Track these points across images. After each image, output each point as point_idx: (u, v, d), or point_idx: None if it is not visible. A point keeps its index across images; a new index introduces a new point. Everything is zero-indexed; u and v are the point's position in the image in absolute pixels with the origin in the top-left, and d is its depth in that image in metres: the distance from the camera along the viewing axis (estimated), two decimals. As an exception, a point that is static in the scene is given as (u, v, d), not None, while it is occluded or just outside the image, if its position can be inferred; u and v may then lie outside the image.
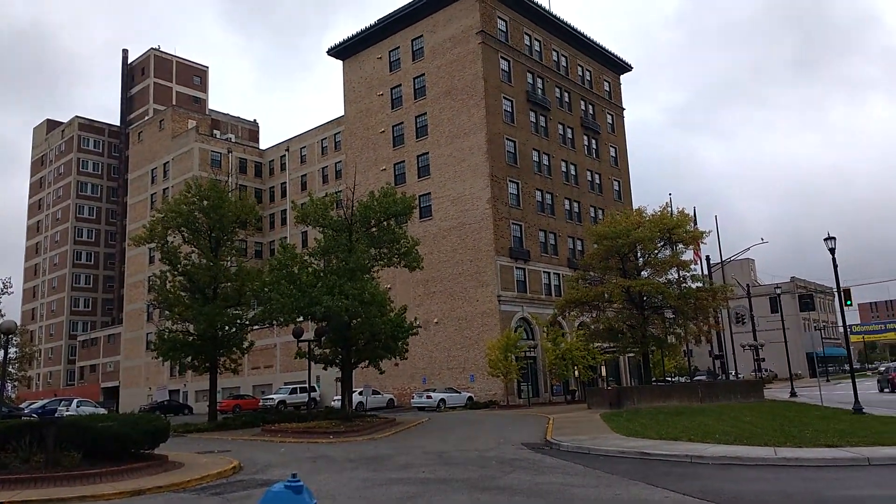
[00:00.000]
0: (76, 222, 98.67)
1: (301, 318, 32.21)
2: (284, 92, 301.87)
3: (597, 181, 60.38)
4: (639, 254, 41.09)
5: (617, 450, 17.84)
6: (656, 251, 40.53)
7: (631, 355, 50.55)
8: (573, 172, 57.46)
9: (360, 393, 41.50)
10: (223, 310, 34.58)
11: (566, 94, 58.64)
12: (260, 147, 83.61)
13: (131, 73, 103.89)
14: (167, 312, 36.56)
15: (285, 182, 74.67)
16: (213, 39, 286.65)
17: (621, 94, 67.33)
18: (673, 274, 40.94)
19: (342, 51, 60.11)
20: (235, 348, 36.20)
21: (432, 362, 49.64)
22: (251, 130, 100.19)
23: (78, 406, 39.95)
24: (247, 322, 35.94)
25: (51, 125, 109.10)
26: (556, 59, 58.41)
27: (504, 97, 51.33)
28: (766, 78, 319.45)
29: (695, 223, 43.52)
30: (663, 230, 39.27)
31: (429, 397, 43.07)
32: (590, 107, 61.55)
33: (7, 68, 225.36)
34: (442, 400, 42.99)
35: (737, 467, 14.93)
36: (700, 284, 41.60)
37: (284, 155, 75.34)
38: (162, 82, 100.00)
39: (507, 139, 50.80)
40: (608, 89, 65.20)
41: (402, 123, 54.95)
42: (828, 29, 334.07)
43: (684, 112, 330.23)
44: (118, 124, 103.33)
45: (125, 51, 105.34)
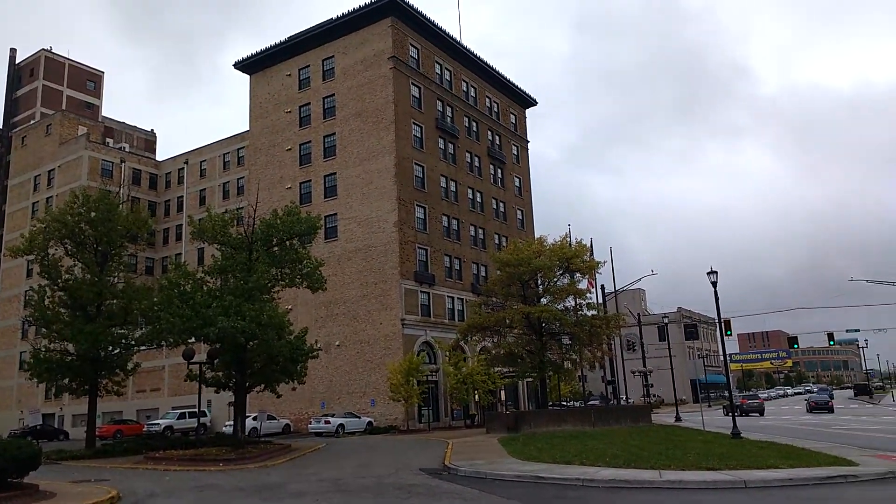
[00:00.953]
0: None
1: (193, 340, 30.72)
2: (181, 105, 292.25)
3: (501, 209, 61.83)
4: (539, 281, 42.36)
5: (513, 474, 18.06)
6: (555, 279, 41.96)
7: (529, 380, 51.62)
8: (479, 200, 58.58)
9: (255, 418, 39.90)
10: (107, 329, 32.48)
11: (474, 124, 59.97)
12: (157, 158, 79.87)
13: (18, 74, 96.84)
14: (44, 330, 33.86)
15: (182, 196, 71.56)
16: (107, 49, 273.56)
17: (526, 127, 69.63)
18: (570, 301, 42.43)
19: (250, 65, 58.81)
20: (119, 370, 34.03)
21: (332, 386, 48.65)
22: (148, 140, 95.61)
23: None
24: (133, 342, 33.86)
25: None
26: (466, 90, 59.72)
27: (414, 122, 51.81)
28: (650, 122, 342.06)
29: (591, 254, 45.36)
30: (562, 259, 40.74)
31: (327, 422, 42.07)
32: (497, 137, 63.20)
33: None
34: (341, 425, 42.10)
35: (625, 490, 15.48)
36: (595, 312, 43.36)
37: (183, 168, 72.33)
38: (52, 85, 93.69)
39: (416, 164, 51.19)
40: (514, 122, 67.25)
41: (310, 142, 54.22)
42: (704, 79, 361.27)
43: (578, 149, 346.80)
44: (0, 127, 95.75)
45: (13, 50, 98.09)
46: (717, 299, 30.40)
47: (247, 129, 61.01)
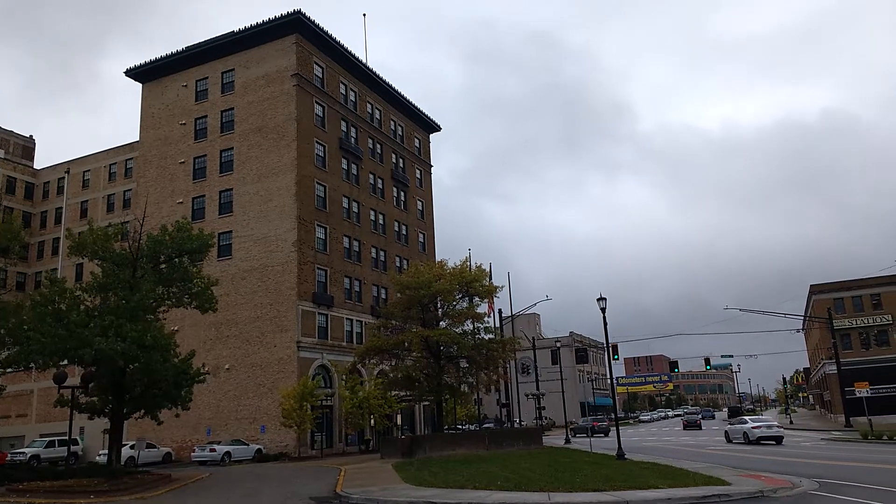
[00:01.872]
0: None
1: (66, 362, 28.44)
2: (53, 110, 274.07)
3: (403, 232, 61.93)
4: (439, 304, 42.60)
5: (406, 500, 17.87)
6: (455, 303, 42.36)
7: (426, 403, 51.61)
8: (381, 222, 58.43)
9: (132, 446, 37.35)
10: (-34, 349, 29.49)
11: (378, 146, 59.98)
12: (35, 167, 74.26)
13: None
14: None
15: (62, 207, 66.79)
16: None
17: (430, 152, 70.43)
18: (468, 325, 42.94)
19: (143, 73, 56.13)
20: (-22, 395, 30.92)
21: (220, 412, 46.45)
22: (26, 147, 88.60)
23: None
24: (-4, 364, 30.88)
25: None
26: (371, 112, 59.74)
27: (317, 141, 51.11)
28: (540, 152, 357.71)
29: (490, 278, 46.24)
30: (462, 283, 41.24)
31: (212, 450, 40.03)
32: (401, 160, 63.49)
33: None
34: (227, 453, 40.18)
35: (515, 514, 15.64)
36: (492, 336, 44.09)
37: (63, 177, 67.62)
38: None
39: (318, 183, 50.42)
40: (418, 146, 67.88)
41: (206, 156, 52.23)
42: (587, 114, 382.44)
43: (474, 175, 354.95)
44: None
45: None
46: (606, 325, 31.73)
47: (136, 140, 58.00)
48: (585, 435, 53.69)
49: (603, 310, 31.50)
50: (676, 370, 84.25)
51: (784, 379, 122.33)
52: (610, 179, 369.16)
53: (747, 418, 45.10)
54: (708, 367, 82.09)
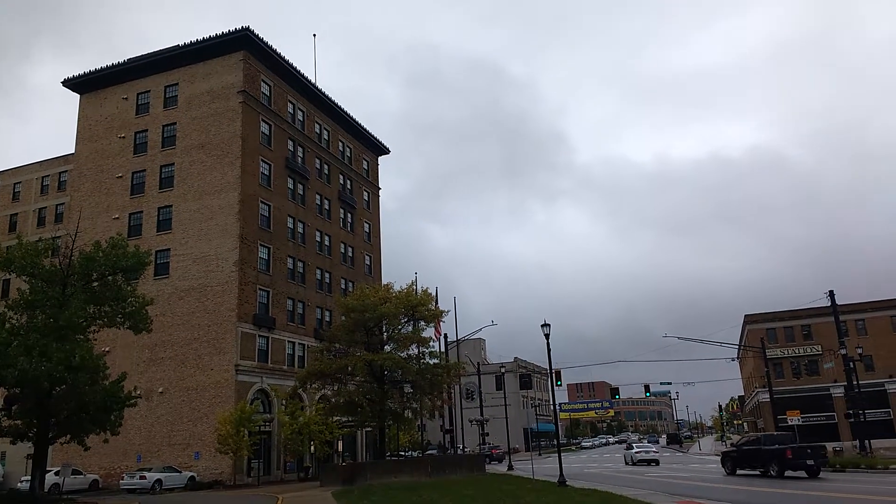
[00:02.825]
0: None
1: (-15, 384, 26.72)
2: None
3: (350, 254, 61.26)
4: (384, 328, 42.11)
5: (345, 531, 17.28)
6: (400, 327, 41.95)
7: (368, 429, 50.69)
8: (327, 243, 57.67)
9: (57, 473, 35.25)
10: None
11: (326, 167, 59.43)
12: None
13: None
14: None
15: (-11, 220, 63.47)
16: None
17: (378, 174, 70.25)
18: (414, 349, 42.55)
19: (81, 84, 54.27)
20: None
21: (151, 438, 44.44)
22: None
23: None
24: None
25: None
26: (319, 132, 59.25)
27: (262, 160, 50.25)
28: (483, 178, 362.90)
29: (436, 302, 46.10)
30: (408, 307, 40.92)
31: (143, 478, 38.12)
32: (348, 182, 63.04)
33: None
34: (158, 480, 38.34)
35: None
36: (437, 361, 43.77)
37: (-8, 188, 64.41)
38: None
39: (262, 202, 49.46)
40: (367, 168, 67.61)
41: (145, 171, 50.62)
42: (527, 142, 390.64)
43: (419, 198, 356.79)
44: None
45: None
46: (550, 351, 31.90)
47: (72, 153, 55.83)
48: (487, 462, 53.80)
49: (547, 336, 31.68)
50: (618, 397, 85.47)
51: (720, 406, 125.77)
52: (550, 207, 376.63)
53: (634, 445, 58.49)
54: (648, 395, 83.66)
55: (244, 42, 49.64)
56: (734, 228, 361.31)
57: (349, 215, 62.24)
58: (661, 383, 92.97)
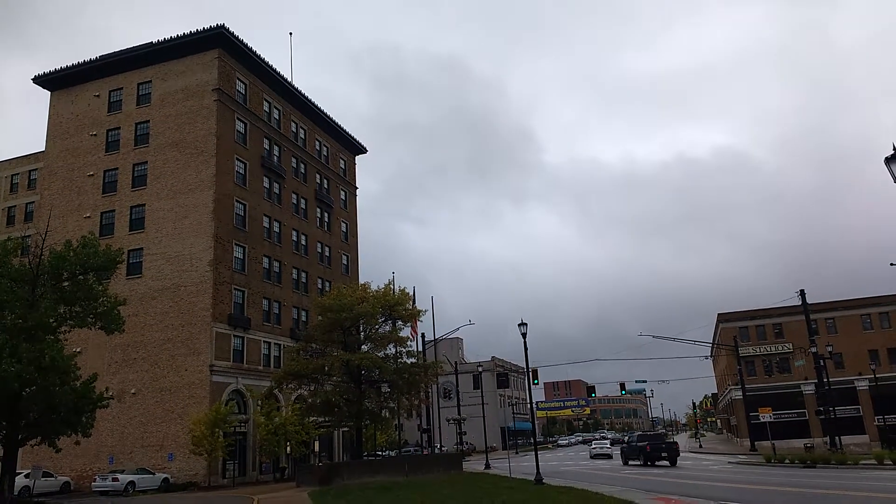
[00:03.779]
0: None
1: (-48, 385, 26.10)
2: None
3: (326, 253, 60.94)
4: (361, 328, 41.97)
5: (321, 531, 17.21)
6: (378, 326, 41.85)
7: (345, 430, 50.47)
8: (304, 242, 57.30)
9: (27, 475, 34.60)
10: None
11: (302, 165, 59.05)
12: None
13: None
14: None
15: (-45, 219, 62.02)
16: None
17: (356, 173, 69.99)
18: (391, 349, 42.47)
19: (52, 80, 53.27)
20: None
21: (124, 439, 43.81)
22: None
23: None
24: None
25: None
26: (295, 131, 58.85)
27: (238, 158, 49.78)
28: (452, 178, 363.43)
29: (413, 302, 46.04)
30: (385, 307, 40.84)
31: (115, 480, 37.59)
32: (325, 181, 62.69)
33: None
34: (131, 482, 37.83)
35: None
36: (414, 360, 43.75)
37: (-42, 186, 62.93)
38: None
39: (238, 201, 49.00)
40: (344, 167, 67.31)
41: (117, 169, 49.86)
42: (496, 143, 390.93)
43: (393, 198, 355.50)
44: None
45: None
46: (526, 350, 32.07)
47: (42, 150, 54.79)
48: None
49: (524, 335, 31.85)
50: (594, 395, 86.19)
51: (694, 404, 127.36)
52: (520, 207, 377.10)
53: (593, 443, 67.51)
54: (623, 392, 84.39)
55: (219, 40, 49.13)
56: (704, 228, 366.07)
57: (326, 215, 61.91)
58: (637, 381, 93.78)
